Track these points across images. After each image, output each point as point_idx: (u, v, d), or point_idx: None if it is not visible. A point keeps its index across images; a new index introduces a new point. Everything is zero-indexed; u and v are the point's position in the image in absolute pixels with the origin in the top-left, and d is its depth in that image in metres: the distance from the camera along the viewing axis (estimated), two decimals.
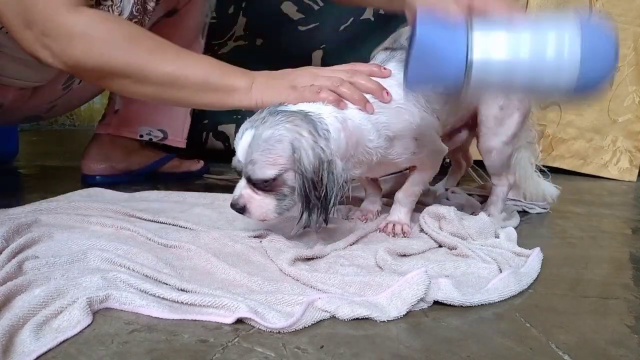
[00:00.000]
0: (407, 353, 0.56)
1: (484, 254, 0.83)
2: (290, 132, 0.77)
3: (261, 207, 0.81)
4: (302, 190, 0.78)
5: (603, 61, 0.68)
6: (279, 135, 0.77)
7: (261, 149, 0.77)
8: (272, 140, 0.77)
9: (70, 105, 1.35)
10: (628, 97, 1.92)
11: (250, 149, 0.78)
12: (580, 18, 0.68)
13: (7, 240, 0.76)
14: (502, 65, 0.69)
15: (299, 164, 0.77)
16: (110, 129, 1.36)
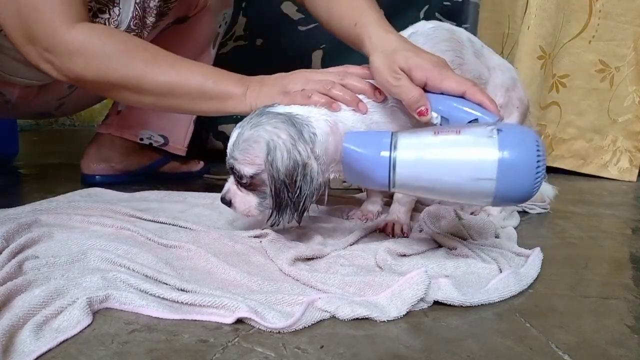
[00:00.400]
0: (407, 353, 0.56)
1: (484, 254, 0.83)
2: (268, 134, 0.80)
3: (244, 203, 0.85)
4: (274, 190, 0.81)
5: (520, 179, 0.68)
6: (257, 136, 0.80)
7: (240, 148, 0.81)
8: (250, 140, 0.81)
9: (80, 104, 1.36)
10: (628, 97, 1.92)
11: (233, 148, 0.82)
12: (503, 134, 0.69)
13: (7, 240, 0.76)
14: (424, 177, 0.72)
15: (271, 165, 0.79)
16: (111, 129, 1.36)
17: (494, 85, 1.07)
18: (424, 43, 0.97)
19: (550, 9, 1.76)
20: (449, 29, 1.04)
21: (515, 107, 1.10)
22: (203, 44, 1.35)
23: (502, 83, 1.08)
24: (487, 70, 1.07)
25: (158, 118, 1.38)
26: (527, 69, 1.79)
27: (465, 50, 1.03)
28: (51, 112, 1.33)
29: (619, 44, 1.86)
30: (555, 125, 1.95)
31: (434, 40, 0.99)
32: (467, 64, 1.01)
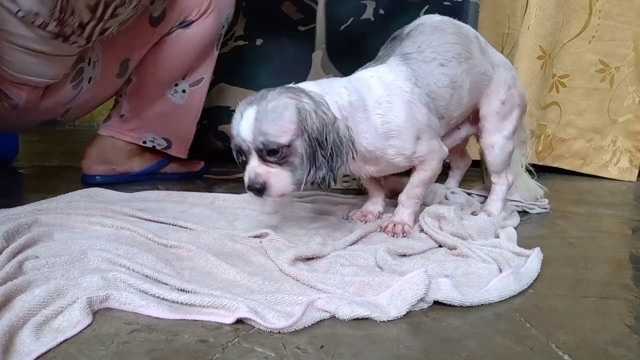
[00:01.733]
0: (407, 353, 0.56)
1: (484, 254, 0.83)
2: (294, 99, 0.79)
3: (281, 180, 0.81)
4: (310, 151, 0.79)
5: None
6: (284, 103, 0.79)
7: (270, 119, 0.78)
8: (278, 109, 0.79)
9: (85, 108, 1.35)
10: (628, 97, 1.92)
11: (259, 123, 0.78)
12: None
13: (7, 240, 0.76)
14: None
15: (305, 126, 0.78)
16: (113, 132, 1.36)
17: (498, 82, 1.08)
18: (432, 33, 0.98)
19: (550, 9, 1.76)
20: (457, 24, 1.04)
21: (517, 104, 1.11)
22: (208, 46, 1.35)
23: (504, 80, 1.08)
24: (491, 67, 1.07)
25: (162, 121, 1.37)
26: (527, 69, 1.79)
27: (472, 45, 1.03)
28: (57, 118, 1.32)
29: (619, 44, 1.86)
30: (555, 125, 1.95)
31: (441, 32, 0.99)
32: (473, 58, 1.02)
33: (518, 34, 1.81)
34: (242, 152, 0.82)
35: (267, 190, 0.81)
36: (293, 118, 0.78)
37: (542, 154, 1.94)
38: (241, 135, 0.80)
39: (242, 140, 0.81)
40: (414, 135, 0.90)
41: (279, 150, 0.79)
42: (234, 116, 0.83)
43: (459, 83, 0.99)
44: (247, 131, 0.80)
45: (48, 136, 2.33)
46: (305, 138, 0.79)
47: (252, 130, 0.79)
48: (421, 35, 0.97)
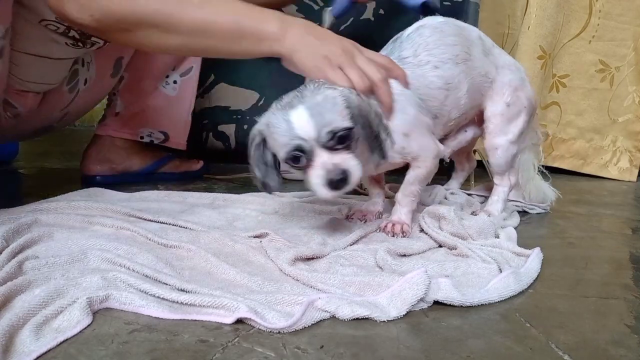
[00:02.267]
0: (407, 353, 0.56)
1: (484, 254, 0.83)
2: (334, 90, 0.81)
3: (356, 165, 0.80)
4: (369, 130, 0.82)
5: None
6: (329, 94, 0.80)
7: (327, 109, 0.78)
8: (328, 99, 0.79)
9: (80, 111, 1.34)
10: (628, 97, 1.92)
11: (318, 117, 0.77)
12: None
13: (7, 240, 0.76)
14: None
15: (356, 109, 0.80)
16: (110, 131, 1.36)
17: (502, 84, 1.07)
18: (430, 35, 0.98)
19: (551, 8, 1.76)
20: (459, 25, 1.04)
21: (523, 107, 1.09)
22: None
23: (509, 82, 1.07)
24: (495, 68, 1.06)
25: (156, 115, 1.37)
26: (527, 69, 1.77)
27: (473, 47, 1.02)
28: (53, 124, 1.31)
29: (619, 44, 1.86)
30: (555, 125, 1.95)
31: (440, 33, 0.99)
32: (473, 60, 1.01)
33: (518, 34, 1.81)
34: (302, 154, 0.79)
35: (348, 178, 0.79)
36: (343, 106, 0.80)
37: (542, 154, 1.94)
38: (301, 135, 0.78)
39: (303, 141, 0.78)
40: (402, 132, 0.91)
41: (347, 136, 0.79)
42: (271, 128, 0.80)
43: (455, 84, 0.98)
44: (308, 129, 0.78)
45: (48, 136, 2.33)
46: (359, 121, 0.81)
47: (314, 125, 0.78)
48: (419, 38, 0.98)
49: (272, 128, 0.81)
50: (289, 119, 0.78)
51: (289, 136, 0.79)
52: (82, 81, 1.23)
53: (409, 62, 0.95)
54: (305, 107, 0.78)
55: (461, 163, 1.34)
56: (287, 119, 0.78)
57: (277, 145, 0.81)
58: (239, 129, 1.76)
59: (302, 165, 0.81)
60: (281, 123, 0.79)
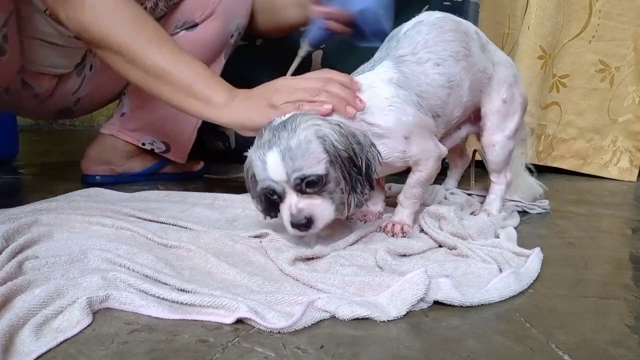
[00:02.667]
0: (407, 353, 0.56)
1: (484, 254, 0.83)
2: (309, 129, 0.79)
3: (325, 209, 0.80)
4: (346, 172, 0.80)
5: None
6: (303, 136, 0.78)
7: (300, 155, 0.77)
8: (302, 143, 0.78)
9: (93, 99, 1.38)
10: (628, 97, 1.92)
11: (289, 162, 0.77)
12: None
13: (7, 240, 0.76)
14: None
15: (333, 149, 0.79)
16: (114, 130, 1.36)
17: (498, 80, 1.07)
18: (429, 32, 0.97)
19: (551, 8, 1.76)
20: (456, 20, 1.03)
21: (519, 103, 1.10)
22: (213, 52, 1.34)
23: (505, 78, 1.08)
24: (492, 65, 1.06)
25: (162, 124, 1.37)
26: (527, 69, 1.79)
27: (472, 42, 1.02)
28: (71, 107, 1.36)
29: (619, 44, 1.86)
30: (555, 125, 1.95)
31: (439, 29, 0.98)
32: (472, 55, 1.01)
33: (518, 34, 1.81)
34: (274, 194, 0.81)
35: (312, 223, 0.80)
36: (319, 148, 0.78)
37: (542, 154, 1.94)
38: (272, 178, 0.79)
39: (274, 182, 0.79)
40: (401, 135, 0.90)
41: (318, 181, 0.79)
42: (250, 164, 0.83)
43: (457, 82, 0.98)
44: (278, 173, 0.78)
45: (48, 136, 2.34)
46: (338, 163, 0.79)
47: (285, 170, 0.78)
48: (417, 35, 0.97)
49: (252, 163, 0.83)
50: (265, 160, 0.79)
51: (263, 176, 0.80)
52: (88, 67, 1.28)
53: (407, 60, 0.95)
54: (279, 151, 0.78)
55: (454, 160, 1.35)
56: (263, 160, 0.79)
57: (257, 181, 0.83)
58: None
59: (276, 202, 0.83)
60: (258, 162, 0.80)
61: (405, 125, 0.90)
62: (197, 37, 1.31)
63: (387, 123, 0.88)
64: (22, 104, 1.24)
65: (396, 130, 0.89)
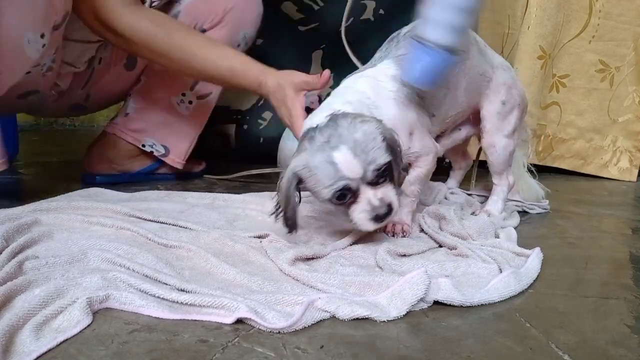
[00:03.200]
0: (407, 353, 0.56)
1: (484, 254, 0.83)
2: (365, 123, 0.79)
3: (394, 195, 0.82)
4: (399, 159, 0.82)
5: None
6: (367, 129, 0.79)
7: (369, 147, 0.78)
8: (368, 135, 0.78)
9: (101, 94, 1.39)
10: (628, 97, 1.92)
11: (362, 155, 0.77)
12: None
13: (7, 240, 0.76)
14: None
15: (389, 139, 0.80)
16: (117, 130, 1.37)
17: (497, 83, 1.08)
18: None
19: (551, 9, 1.76)
20: None
21: (517, 104, 1.11)
22: None
23: (504, 81, 1.09)
24: (491, 68, 1.07)
25: (163, 128, 1.38)
26: (527, 69, 1.79)
27: (471, 46, 1.03)
28: (82, 103, 1.38)
29: (619, 44, 1.86)
30: (555, 125, 1.95)
31: None
32: (471, 59, 1.02)
33: (518, 34, 1.81)
34: (348, 193, 0.80)
35: (392, 210, 0.81)
36: (381, 137, 0.79)
37: (542, 154, 1.94)
38: (348, 176, 0.78)
39: (350, 180, 0.78)
40: (407, 130, 0.91)
41: (387, 169, 0.80)
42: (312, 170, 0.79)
43: (454, 83, 0.99)
44: (354, 169, 0.78)
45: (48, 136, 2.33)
46: (392, 153, 0.80)
47: (360, 165, 0.77)
48: None
49: (313, 170, 0.79)
50: (333, 160, 0.77)
51: (335, 177, 0.78)
52: (97, 59, 1.29)
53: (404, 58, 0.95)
54: (348, 147, 0.77)
55: (457, 162, 1.35)
56: (331, 161, 0.77)
57: (320, 186, 0.80)
58: (239, 129, 1.76)
59: (347, 202, 0.81)
60: (324, 165, 0.78)
61: (408, 120, 0.90)
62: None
63: (393, 117, 0.89)
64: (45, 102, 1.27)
65: (402, 126, 0.90)
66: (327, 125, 0.80)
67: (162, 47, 1.12)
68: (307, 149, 0.80)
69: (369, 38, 1.55)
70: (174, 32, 1.14)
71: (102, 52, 1.30)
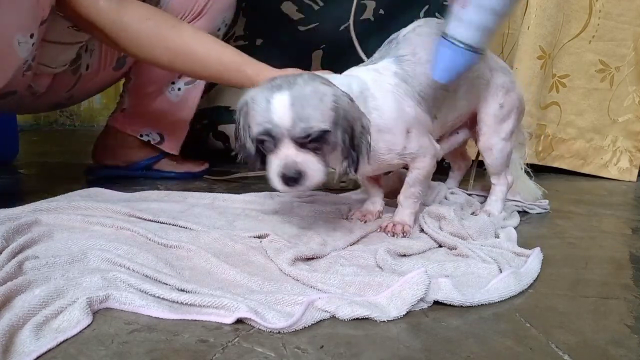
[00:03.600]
0: (407, 353, 0.56)
1: (484, 254, 0.83)
2: (326, 85, 0.78)
3: (318, 169, 0.77)
4: (346, 138, 0.78)
5: None
6: (322, 89, 0.77)
7: (312, 104, 0.75)
8: (317, 94, 0.76)
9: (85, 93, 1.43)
10: (628, 97, 1.92)
11: (298, 108, 0.74)
12: None
13: (7, 240, 0.76)
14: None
15: (342, 113, 0.77)
16: (117, 124, 1.44)
17: (496, 86, 1.08)
18: (428, 35, 0.98)
19: (550, 9, 1.76)
20: None
21: (514, 107, 1.11)
22: None
23: (502, 84, 1.09)
24: (489, 70, 1.07)
25: (157, 117, 1.43)
26: (527, 69, 1.78)
27: None
28: (64, 102, 1.40)
29: (619, 44, 1.86)
30: (555, 125, 1.95)
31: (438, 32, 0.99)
32: None
33: (518, 34, 1.81)
34: (270, 139, 0.77)
35: (303, 179, 0.76)
36: (331, 104, 0.76)
37: (542, 154, 1.94)
38: (274, 121, 0.75)
39: (275, 126, 0.75)
40: (404, 128, 0.90)
41: (319, 138, 0.76)
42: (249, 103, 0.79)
43: (453, 86, 0.99)
44: (283, 117, 0.74)
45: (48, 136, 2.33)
46: (341, 126, 0.78)
47: (291, 115, 0.75)
48: (417, 38, 0.98)
49: (253, 103, 0.78)
50: (270, 101, 0.75)
51: (263, 117, 0.76)
52: (84, 66, 1.30)
53: (407, 59, 0.95)
54: (290, 95, 0.75)
55: (456, 162, 1.35)
56: (269, 100, 0.75)
57: (253, 122, 0.79)
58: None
59: (267, 150, 0.79)
60: (262, 101, 0.76)
61: (406, 118, 0.90)
62: None
63: (389, 110, 0.89)
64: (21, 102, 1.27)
65: (398, 123, 0.89)
66: (298, 75, 0.79)
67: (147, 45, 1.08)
68: (262, 83, 0.79)
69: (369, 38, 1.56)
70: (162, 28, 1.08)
71: (88, 59, 1.30)
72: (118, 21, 1.05)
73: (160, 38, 1.07)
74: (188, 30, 1.11)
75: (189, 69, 1.13)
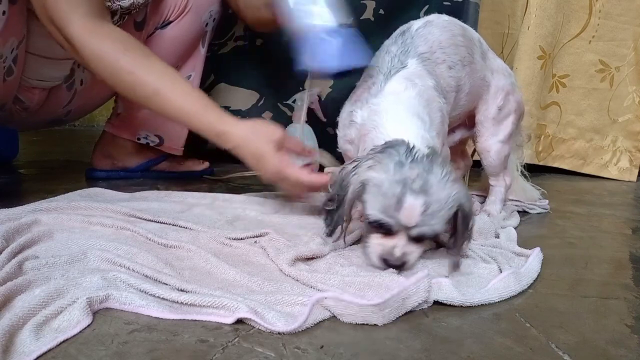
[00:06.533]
0: (407, 353, 0.56)
1: (484, 254, 0.83)
2: (458, 189, 0.75)
3: (418, 255, 0.77)
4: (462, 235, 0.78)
5: None
6: (453, 195, 0.73)
7: (438, 213, 0.73)
8: (449, 202, 0.73)
9: (85, 108, 1.41)
10: (628, 97, 1.92)
11: (430, 215, 0.72)
12: None
13: (7, 240, 0.76)
14: None
15: (465, 215, 0.76)
16: (112, 129, 1.41)
17: (496, 88, 1.08)
18: (440, 34, 0.98)
19: (550, 9, 1.76)
20: (463, 26, 1.04)
21: (513, 110, 1.11)
22: (191, 44, 1.37)
23: (503, 86, 1.09)
24: (490, 72, 1.07)
25: (154, 119, 1.40)
26: (527, 69, 1.79)
27: (475, 49, 1.03)
28: (62, 118, 1.39)
29: (619, 44, 1.86)
30: (555, 125, 1.95)
31: (450, 32, 0.99)
32: (475, 63, 1.02)
33: (518, 34, 1.81)
34: (383, 229, 0.75)
35: (403, 267, 0.76)
36: (454, 209, 0.75)
37: (542, 154, 1.94)
38: (401, 221, 0.73)
39: (397, 224, 0.74)
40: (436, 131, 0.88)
41: (429, 236, 0.77)
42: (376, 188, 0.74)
43: (461, 87, 0.99)
44: (410, 220, 0.73)
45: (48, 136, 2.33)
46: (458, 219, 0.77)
47: (418, 220, 0.72)
48: (430, 35, 0.97)
49: (380, 189, 0.74)
50: (402, 200, 0.72)
51: (388, 212, 0.73)
52: (79, 81, 1.29)
53: (426, 57, 0.94)
54: (425, 201, 0.71)
55: (456, 162, 1.35)
56: (401, 198, 0.72)
57: (373, 205, 0.75)
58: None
59: (372, 227, 0.77)
60: (390, 196, 0.72)
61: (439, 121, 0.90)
62: (173, 33, 1.33)
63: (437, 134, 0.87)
64: (13, 117, 1.25)
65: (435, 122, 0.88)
66: (422, 161, 0.73)
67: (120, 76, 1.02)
68: (391, 172, 0.73)
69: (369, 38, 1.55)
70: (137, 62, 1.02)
71: (81, 74, 1.29)
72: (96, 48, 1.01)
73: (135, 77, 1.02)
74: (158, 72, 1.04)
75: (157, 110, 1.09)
